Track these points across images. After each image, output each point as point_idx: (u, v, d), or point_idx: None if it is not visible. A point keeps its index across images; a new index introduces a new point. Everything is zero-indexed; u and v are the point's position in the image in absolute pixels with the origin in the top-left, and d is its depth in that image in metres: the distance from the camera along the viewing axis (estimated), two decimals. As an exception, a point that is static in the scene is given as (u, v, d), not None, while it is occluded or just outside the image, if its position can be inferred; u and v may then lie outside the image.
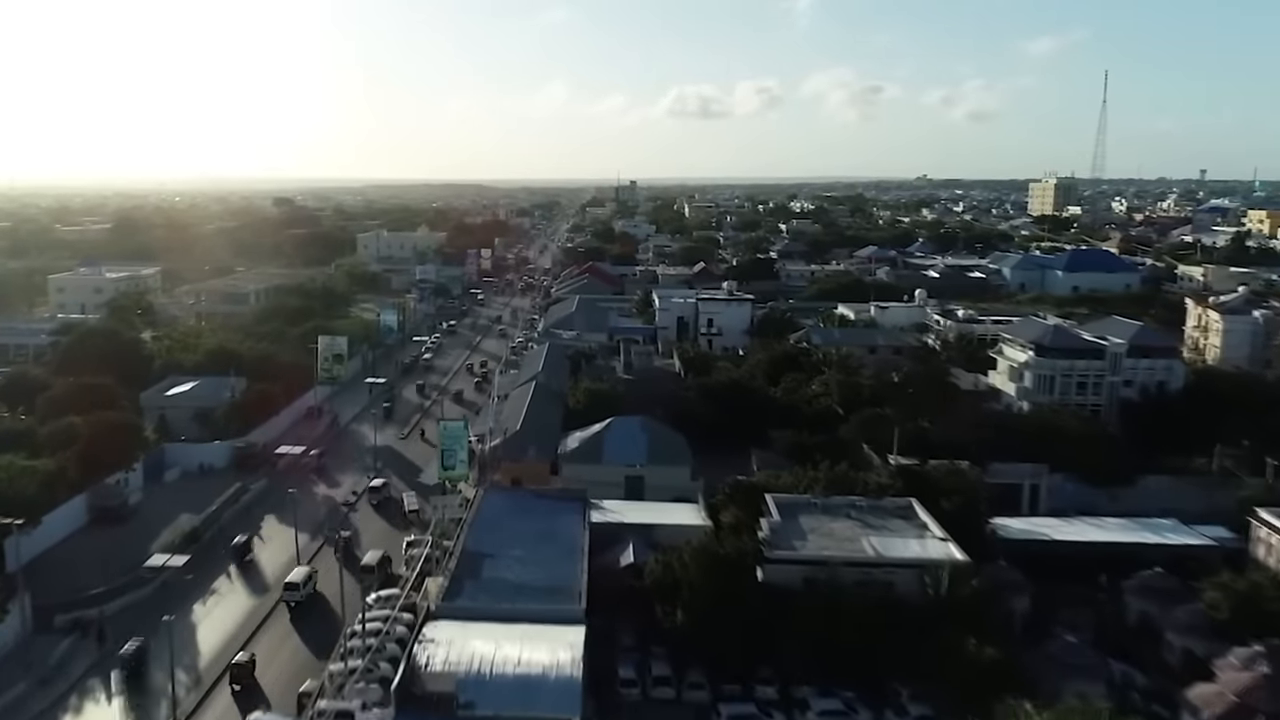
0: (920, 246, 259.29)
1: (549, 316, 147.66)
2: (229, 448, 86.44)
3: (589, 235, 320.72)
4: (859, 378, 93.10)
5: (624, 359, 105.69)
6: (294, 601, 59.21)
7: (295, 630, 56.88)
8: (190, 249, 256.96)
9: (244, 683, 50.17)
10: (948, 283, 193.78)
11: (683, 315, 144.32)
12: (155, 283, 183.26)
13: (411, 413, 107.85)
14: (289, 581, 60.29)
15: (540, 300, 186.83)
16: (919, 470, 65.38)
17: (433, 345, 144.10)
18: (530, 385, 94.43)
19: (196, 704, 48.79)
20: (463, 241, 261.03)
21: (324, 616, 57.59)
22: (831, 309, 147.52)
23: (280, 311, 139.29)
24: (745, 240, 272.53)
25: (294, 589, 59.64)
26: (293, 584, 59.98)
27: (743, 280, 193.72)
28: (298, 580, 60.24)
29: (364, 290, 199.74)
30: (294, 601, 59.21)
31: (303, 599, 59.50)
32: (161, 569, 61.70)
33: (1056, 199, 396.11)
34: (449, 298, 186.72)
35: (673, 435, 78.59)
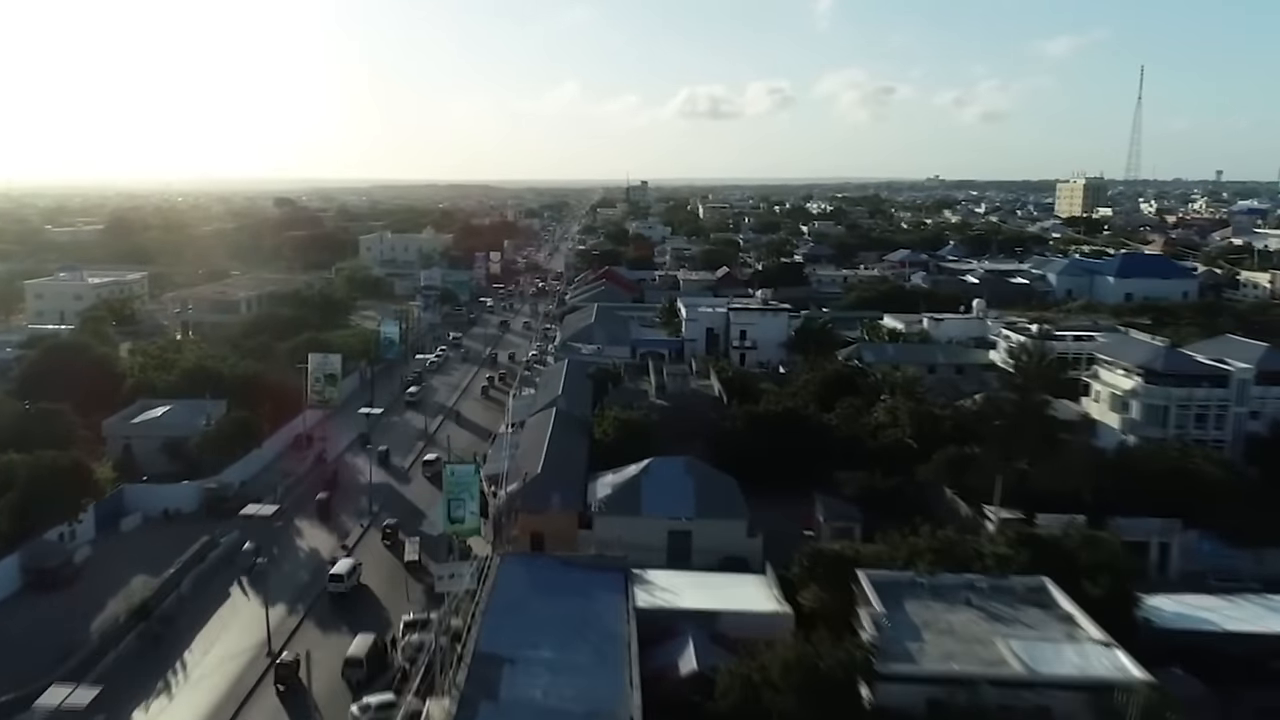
0: (952, 250, 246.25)
1: (566, 327, 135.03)
2: (198, 489, 73.86)
3: (601, 237, 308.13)
4: (931, 405, 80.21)
5: (655, 380, 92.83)
6: (339, 592, 59.99)
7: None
8: (185, 251, 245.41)
9: (289, 683, 49.25)
10: (988, 289, 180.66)
11: (712, 326, 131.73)
12: (141, 288, 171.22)
13: (413, 439, 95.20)
14: (334, 573, 61.10)
15: (554, 308, 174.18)
16: (1044, 536, 52.43)
17: (438, 360, 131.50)
18: (550, 413, 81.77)
19: None
20: (470, 244, 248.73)
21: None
22: (874, 319, 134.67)
23: (271, 322, 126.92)
24: (767, 243, 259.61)
25: (339, 580, 60.47)
26: (338, 575, 60.77)
27: (770, 286, 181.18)
28: (342, 572, 61.09)
29: (366, 296, 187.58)
30: (339, 592, 59.99)
31: (347, 590, 60.23)
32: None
33: (1085, 200, 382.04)
34: (456, 305, 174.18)
35: (723, 480, 65.82)
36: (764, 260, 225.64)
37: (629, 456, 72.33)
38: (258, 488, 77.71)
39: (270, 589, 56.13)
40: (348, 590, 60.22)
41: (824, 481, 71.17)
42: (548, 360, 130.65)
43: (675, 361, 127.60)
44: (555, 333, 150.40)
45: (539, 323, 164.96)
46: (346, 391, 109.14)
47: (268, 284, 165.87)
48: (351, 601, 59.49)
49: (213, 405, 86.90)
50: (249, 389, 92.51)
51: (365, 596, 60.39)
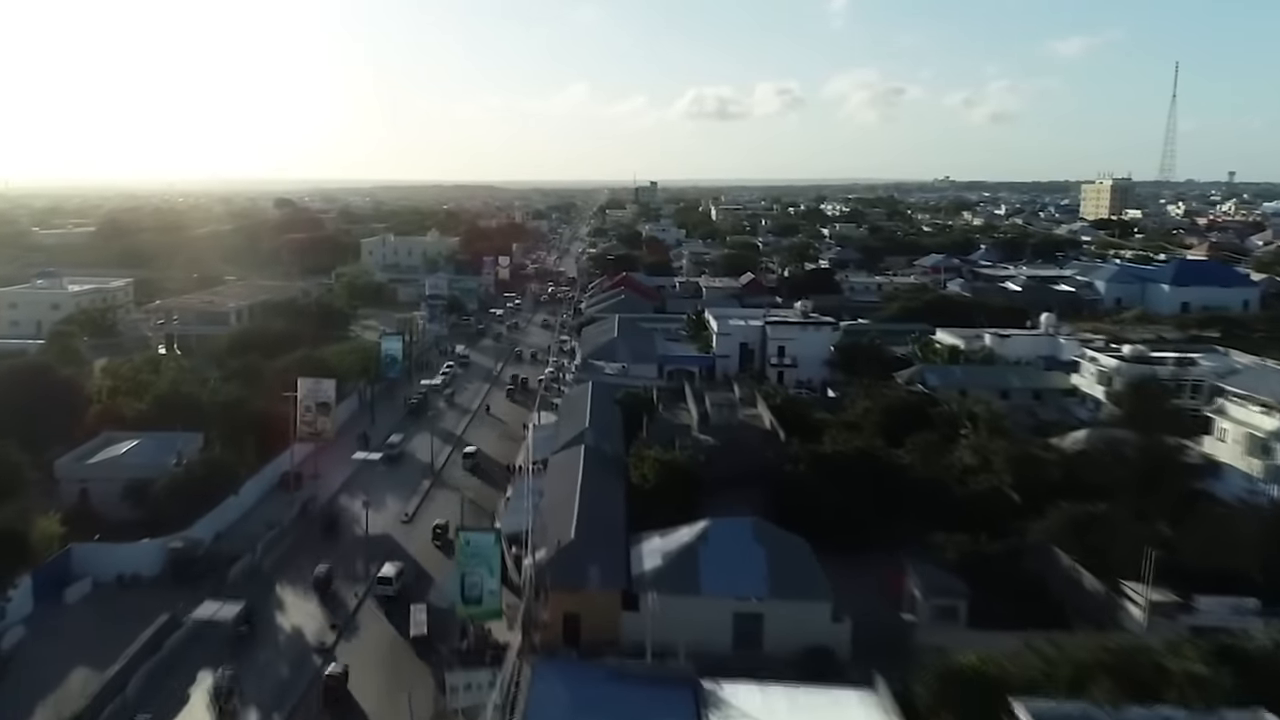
0: (984, 254, 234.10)
1: (585, 342, 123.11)
2: (160, 549, 61.89)
3: (613, 240, 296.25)
4: (1030, 445, 68.15)
5: (696, 410, 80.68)
6: (386, 595, 59.18)
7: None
8: (179, 255, 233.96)
9: (338, 695, 47.59)
10: (1031, 297, 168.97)
11: (747, 341, 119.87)
12: (126, 296, 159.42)
13: (418, 476, 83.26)
14: (382, 575, 60.59)
15: (570, 317, 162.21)
16: (1250, 649, 40.28)
17: (445, 376, 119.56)
18: (577, 452, 69.92)
19: None
20: (477, 247, 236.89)
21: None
22: (923, 334, 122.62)
23: (262, 337, 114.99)
24: (788, 246, 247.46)
25: (387, 583, 59.86)
26: (386, 578, 60.24)
27: (799, 294, 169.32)
28: (391, 574, 60.53)
29: (367, 303, 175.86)
30: (386, 595, 59.18)
31: (394, 594, 59.02)
32: None
33: (1113, 201, 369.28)
34: (463, 315, 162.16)
35: (797, 547, 53.84)
36: (788, 265, 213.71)
37: (673, 505, 61.16)
38: (235, 541, 65.83)
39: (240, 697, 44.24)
40: (395, 594, 58.94)
41: (908, 538, 59.45)
42: (565, 378, 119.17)
43: (707, 380, 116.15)
44: (571, 344, 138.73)
45: (554, 335, 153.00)
46: (343, 417, 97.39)
47: (261, 292, 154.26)
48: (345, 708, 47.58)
49: (186, 439, 75.29)
50: (230, 418, 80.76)
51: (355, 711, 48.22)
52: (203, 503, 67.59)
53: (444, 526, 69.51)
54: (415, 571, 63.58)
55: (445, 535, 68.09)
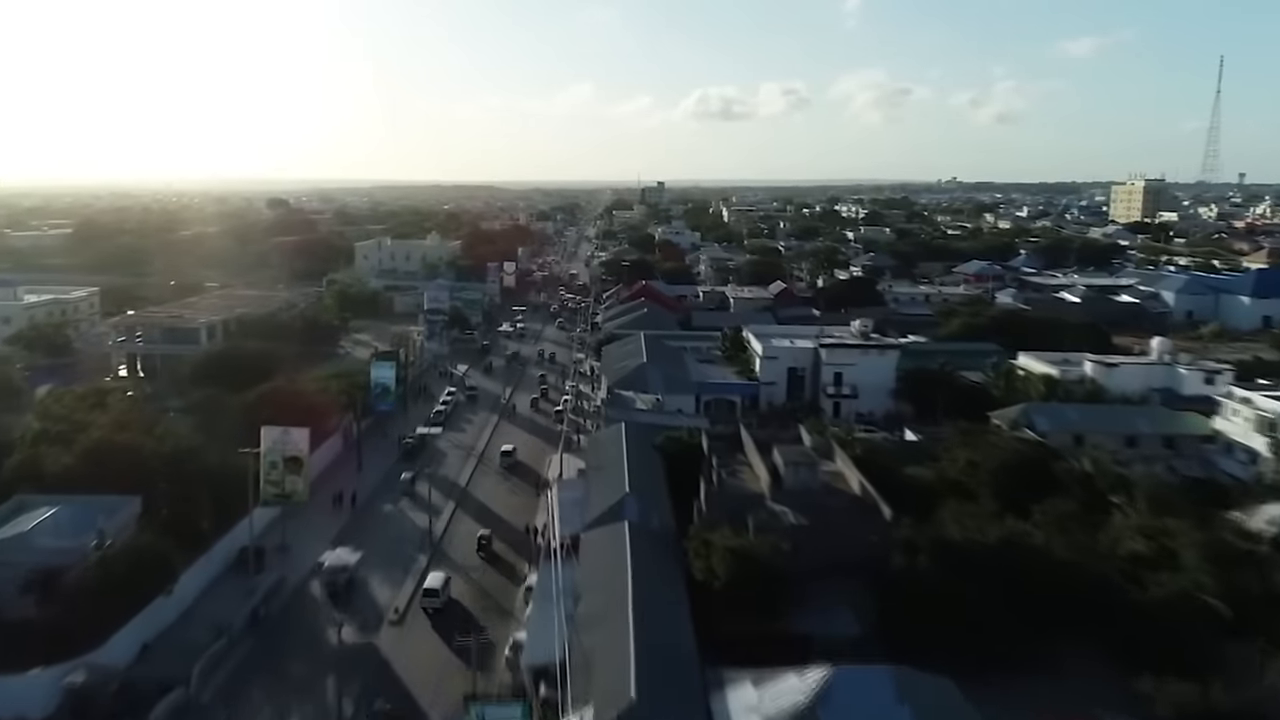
0: (1026, 260, 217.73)
1: (608, 364, 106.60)
2: (54, 683, 45.33)
3: (624, 243, 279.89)
4: (1228, 534, 51.56)
5: (764, 465, 63.81)
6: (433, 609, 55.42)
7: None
8: (159, 259, 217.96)
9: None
10: (1091, 309, 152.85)
11: (796, 366, 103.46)
12: (89, 308, 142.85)
13: (410, 547, 66.74)
14: (428, 588, 57.13)
15: (586, 331, 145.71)
16: None
17: (446, 406, 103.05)
18: (619, 532, 53.60)
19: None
20: (480, 251, 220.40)
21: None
22: (996, 356, 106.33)
23: (234, 360, 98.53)
24: (812, 251, 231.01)
25: (434, 595, 56.36)
26: (432, 590, 56.75)
27: (836, 306, 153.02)
28: (436, 585, 57.02)
29: (361, 314, 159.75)
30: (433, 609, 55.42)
31: (441, 606, 55.77)
32: None
33: (1146, 203, 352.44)
34: (466, 329, 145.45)
35: (952, 701, 37.43)
36: (818, 273, 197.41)
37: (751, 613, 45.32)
38: (166, 659, 49.40)
39: None
40: (442, 605, 55.82)
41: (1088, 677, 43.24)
42: (585, 405, 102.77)
43: (750, 411, 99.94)
44: (587, 364, 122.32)
45: (570, 353, 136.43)
46: (324, 461, 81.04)
47: (241, 303, 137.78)
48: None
49: (119, 506, 59.00)
50: (180, 475, 64.37)
51: None
52: (127, 602, 51.16)
53: (488, 537, 66.36)
54: (402, 696, 47.11)
55: (490, 547, 65.06)
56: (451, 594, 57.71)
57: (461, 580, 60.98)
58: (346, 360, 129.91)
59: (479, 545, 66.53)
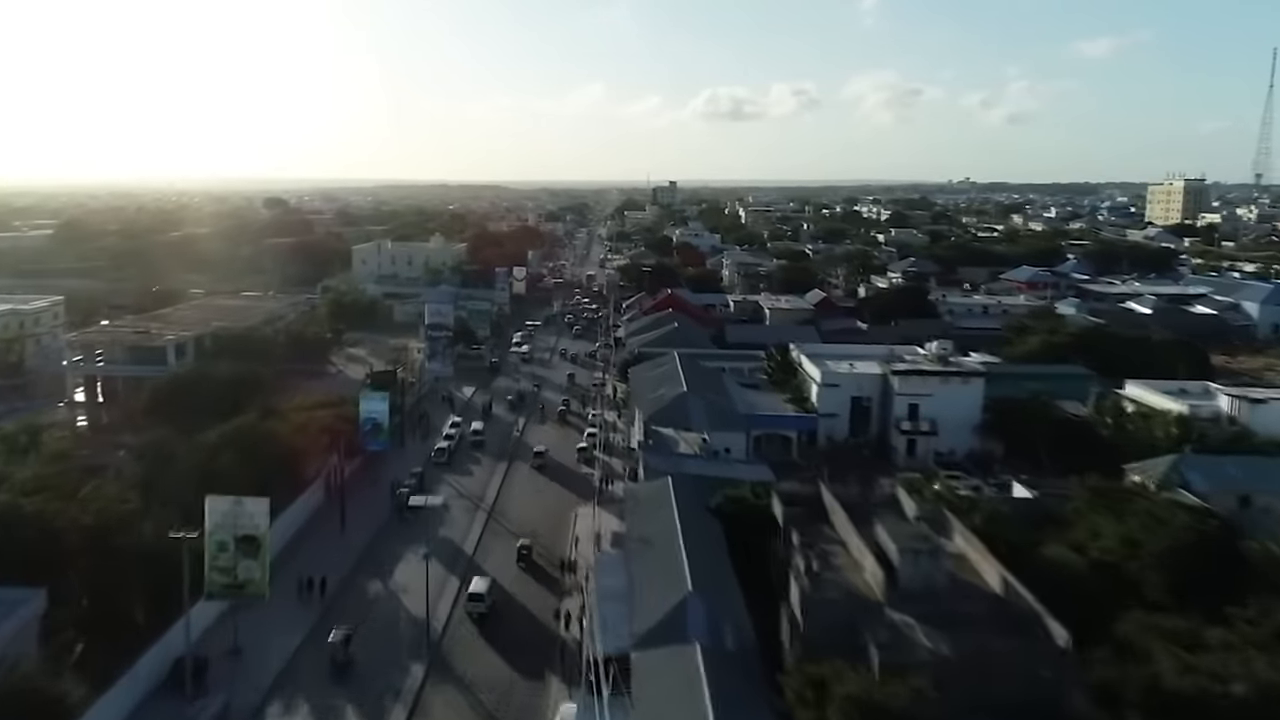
0: (1076, 266, 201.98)
1: (639, 390, 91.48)
2: None
3: (640, 245, 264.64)
4: None
5: (867, 549, 48.42)
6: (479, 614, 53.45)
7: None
8: (143, 262, 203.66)
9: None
10: (1165, 321, 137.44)
11: (861, 395, 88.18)
12: (53, 318, 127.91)
13: (403, 652, 51.49)
14: (473, 592, 54.93)
15: (607, 346, 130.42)
16: None
17: (449, 443, 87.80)
18: (688, 664, 38.58)
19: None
20: (486, 254, 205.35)
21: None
22: (1095, 384, 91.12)
23: (198, 389, 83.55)
24: (843, 255, 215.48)
25: (479, 600, 54.28)
26: (477, 594, 54.62)
27: (885, 317, 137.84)
28: (482, 590, 54.90)
29: (356, 325, 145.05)
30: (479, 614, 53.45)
31: (486, 610, 53.73)
32: None
33: (1186, 204, 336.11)
34: (472, 344, 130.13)
35: None
36: (853, 280, 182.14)
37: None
38: None
39: None
40: (487, 610, 53.54)
41: None
42: (614, 439, 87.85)
43: (808, 447, 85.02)
44: (612, 385, 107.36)
45: (590, 373, 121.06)
46: (298, 522, 66.12)
47: (219, 315, 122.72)
48: None
49: (16, 604, 44.26)
50: (106, 556, 49.60)
51: None
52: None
53: (528, 547, 62.67)
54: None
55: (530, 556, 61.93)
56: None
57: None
58: (338, 379, 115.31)
59: (519, 555, 62.44)
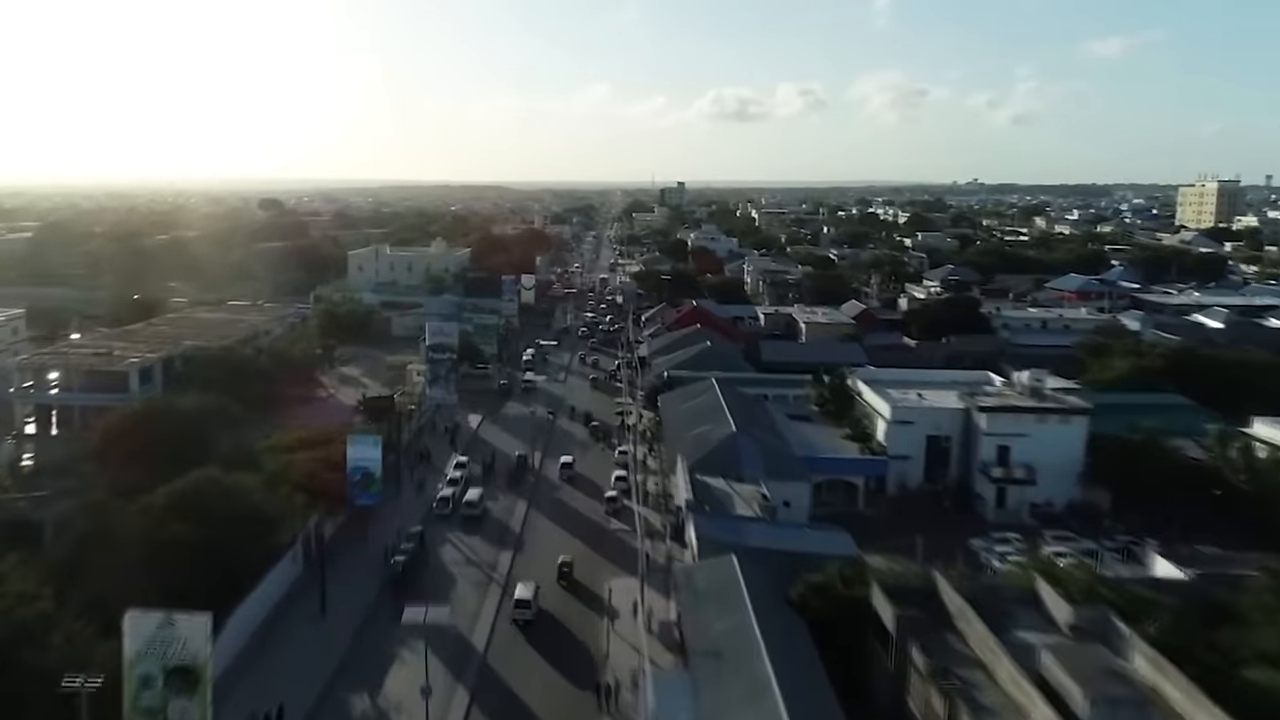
0: (1122, 274, 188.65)
1: (678, 429, 78.45)
2: None
3: (650, 249, 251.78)
4: None
5: (1036, 688, 35.43)
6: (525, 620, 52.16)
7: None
8: (126, 268, 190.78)
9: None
10: (1239, 336, 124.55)
11: (938, 434, 75.11)
12: (12, 334, 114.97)
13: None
14: (519, 599, 53.39)
15: (629, 366, 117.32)
16: None
17: (454, 489, 74.61)
18: None
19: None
20: (493, 260, 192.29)
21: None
22: (1204, 418, 78.10)
23: (156, 428, 70.32)
24: (872, 261, 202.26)
25: (525, 606, 52.85)
26: (524, 601, 53.15)
27: (935, 332, 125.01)
28: (528, 596, 53.43)
29: (351, 339, 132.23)
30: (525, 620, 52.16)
31: (533, 618, 52.39)
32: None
33: (1220, 207, 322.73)
34: (478, 363, 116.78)
35: None
36: (888, 289, 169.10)
37: None
38: None
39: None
40: (533, 617, 52.05)
41: None
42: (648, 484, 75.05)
43: (876, 494, 72.44)
44: (637, 414, 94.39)
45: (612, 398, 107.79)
46: (271, 598, 53.20)
47: (198, 331, 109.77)
48: None
49: None
50: None
51: None
52: None
53: (570, 564, 58.38)
54: None
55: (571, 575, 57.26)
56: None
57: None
58: (328, 406, 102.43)
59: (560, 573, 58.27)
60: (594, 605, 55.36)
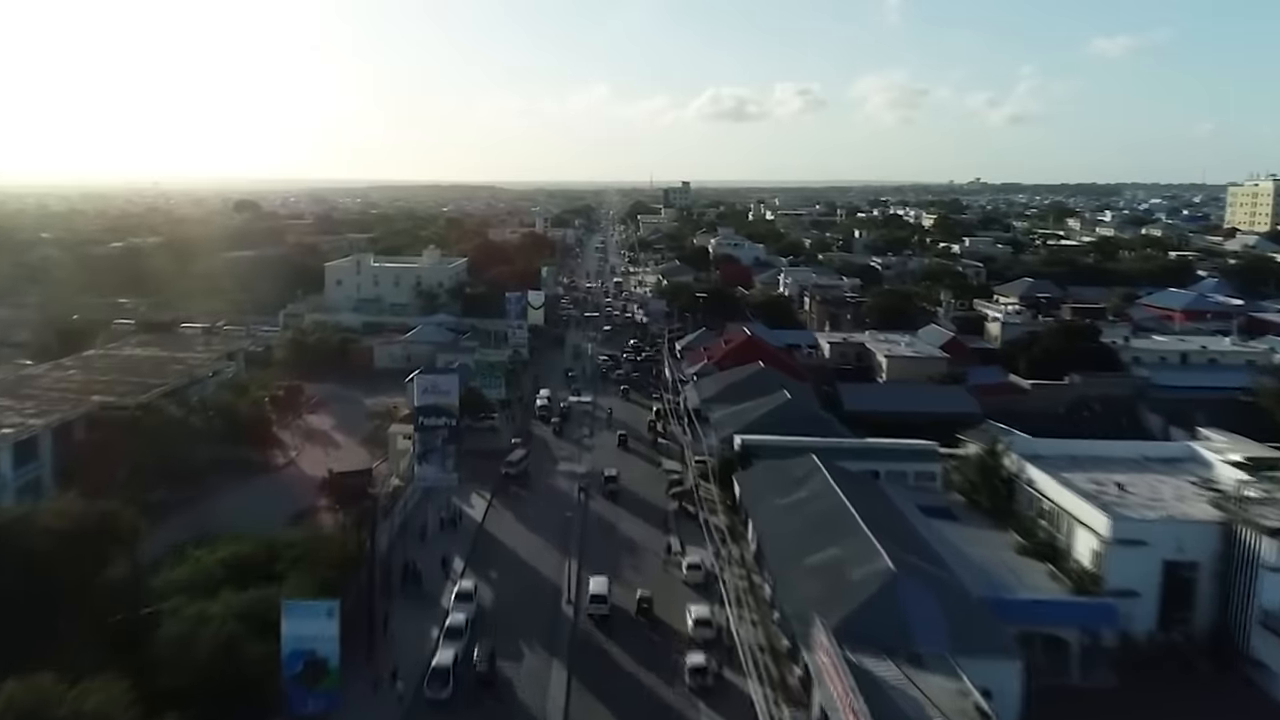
0: (1216, 286, 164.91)
1: (776, 546, 53.82)
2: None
3: (666, 255, 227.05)
4: None
5: None
6: (601, 615, 51.78)
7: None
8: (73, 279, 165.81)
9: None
10: None
11: (1179, 558, 50.65)
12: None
13: None
14: (595, 594, 53.07)
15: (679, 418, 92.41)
16: None
17: (447, 669, 49.10)
18: None
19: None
20: (493, 272, 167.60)
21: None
22: None
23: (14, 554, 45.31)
24: (924, 272, 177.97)
25: (601, 601, 52.49)
26: (599, 596, 52.82)
27: (1047, 369, 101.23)
28: (603, 592, 53.04)
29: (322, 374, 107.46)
30: (601, 615, 51.78)
31: (609, 613, 51.91)
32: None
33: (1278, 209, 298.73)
34: (483, 415, 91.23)
35: None
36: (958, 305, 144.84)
37: None
38: None
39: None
40: (609, 612, 51.86)
41: None
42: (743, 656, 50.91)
43: (1091, 650, 48.10)
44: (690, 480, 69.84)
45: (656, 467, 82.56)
46: None
47: (123, 376, 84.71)
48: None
49: None
50: None
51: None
52: None
53: (649, 600, 52.90)
54: None
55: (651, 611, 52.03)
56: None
57: None
58: (284, 480, 77.86)
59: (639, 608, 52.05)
60: None
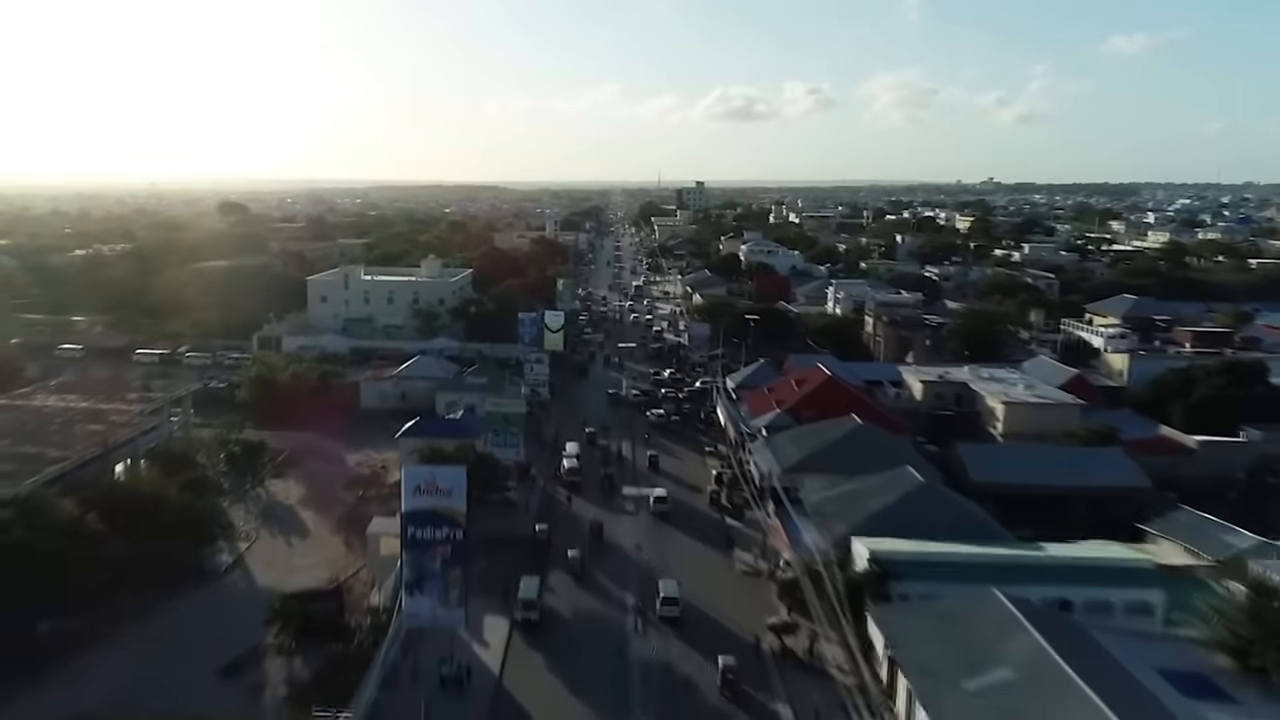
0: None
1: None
2: None
3: (692, 263, 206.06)
4: None
5: None
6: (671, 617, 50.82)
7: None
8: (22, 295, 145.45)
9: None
10: None
11: None
12: None
13: None
14: (666, 596, 52.21)
15: (754, 494, 71.15)
16: None
17: None
18: None
19: None
20: (501, 282, 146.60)
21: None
22: None
23: None
24: (987, 285, 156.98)
25: (672, 603, 51.68)
26: (671, 598, 51.92)
27: (1208, 418, 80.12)
28: (674, 594, 52.10)
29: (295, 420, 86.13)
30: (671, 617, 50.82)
31: (679, 615, 51.31)
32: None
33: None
34: (499, 486, 70.26)
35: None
36: (1049, 327, 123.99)
37: None
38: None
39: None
40: (680, 615, 51.04)
41: None
42: None
43: None
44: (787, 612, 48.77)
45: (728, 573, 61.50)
46: None
47: (31, 445, 64.03)
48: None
49: None
50: None
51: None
52: None
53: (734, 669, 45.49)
54: None
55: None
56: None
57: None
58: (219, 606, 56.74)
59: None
60: None
